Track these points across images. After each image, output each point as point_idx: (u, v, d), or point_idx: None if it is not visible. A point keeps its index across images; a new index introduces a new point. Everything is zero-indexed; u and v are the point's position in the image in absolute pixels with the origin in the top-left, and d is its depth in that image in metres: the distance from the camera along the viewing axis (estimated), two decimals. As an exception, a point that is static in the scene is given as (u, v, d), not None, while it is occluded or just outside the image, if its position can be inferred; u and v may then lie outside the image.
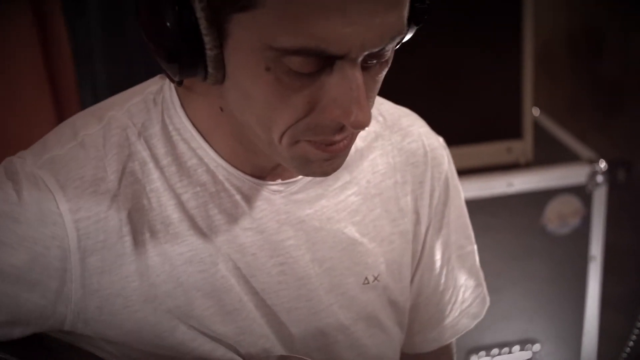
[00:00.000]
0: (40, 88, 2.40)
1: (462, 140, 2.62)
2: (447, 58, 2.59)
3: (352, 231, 1.37)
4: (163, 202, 1.27)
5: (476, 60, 2.64)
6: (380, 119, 1.41)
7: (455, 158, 1.50)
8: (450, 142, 1.50)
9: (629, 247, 3.60)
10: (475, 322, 1.54)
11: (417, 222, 1.43)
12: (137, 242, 1.26)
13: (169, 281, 1.27)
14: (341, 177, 1.36)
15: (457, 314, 1.51)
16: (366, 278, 1.38)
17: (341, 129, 1.13)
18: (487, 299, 1.55)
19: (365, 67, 1.10)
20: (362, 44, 1.05)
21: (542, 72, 3.18)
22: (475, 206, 2.63)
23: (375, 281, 1.39)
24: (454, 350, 1.59)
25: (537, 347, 2.84)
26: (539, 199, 2.72)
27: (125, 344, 1.29)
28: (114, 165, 1.25)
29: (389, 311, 1.43)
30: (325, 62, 1.07)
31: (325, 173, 1.20)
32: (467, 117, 2.65)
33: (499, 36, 2.65)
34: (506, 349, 2.83)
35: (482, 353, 2.82)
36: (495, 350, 2.82)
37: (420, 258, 1.45)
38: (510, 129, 2.71)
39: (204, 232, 1.28)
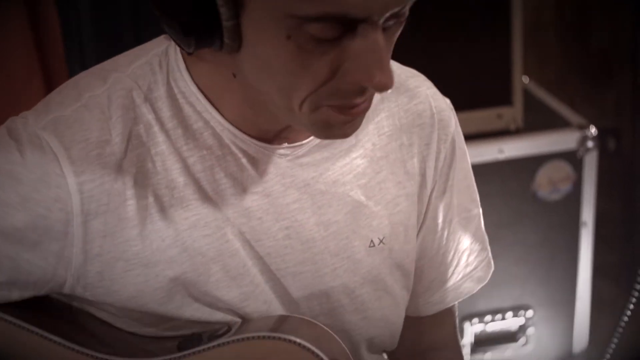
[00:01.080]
0: (31, 69, 2.39)
1: (453, 107, 2.63)
2: (437, 25, 2.60)
3: (357, 194, 1.36)
4: (168, 166, 1.25)
5: (466, 27, 2.64)
6: None
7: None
8: None
9: (620, 216, 3.62)
10: (480, 286, 1.53)
11: (422, 184, 1.42)
12: (141, 206, 1.24)
13: (174, 246, 1.26)
14: (346, 140, 1.34)
15: (459, 277, 1.50)
16: (372, 241, 1.37)
17: (363, 91, 1.13)
18: (492, 263, 1.55)
19: (384, 28, 1.09)
20: (385, 5, 1.04)
21: (532, 42, 3.18)
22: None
23: (381, 244, 1.38)
24: (457, 313, 1.59)
25: (530, 313, 2.85)
26: (530, 165, 2.72)
27: (125, 308, 1.29)
28: (119, 128, 1.23)
29: (396, 275, 1.42)
30: (347, 26, 1.06)
31: (346, 135, 1.20)
32: (457, 84, 2.64)
33: (489, 4, 2.66)
34: (499, 316, 2.84)
35: (475, 320, 2.83)
36: (488, 317, 2.84)
37: (423, 220, 1.44)
38: (500, 96, 2.72)
39: (209, 196, 1.27)
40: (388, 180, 1.38)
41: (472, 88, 2.69)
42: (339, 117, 1.16)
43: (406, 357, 1.55)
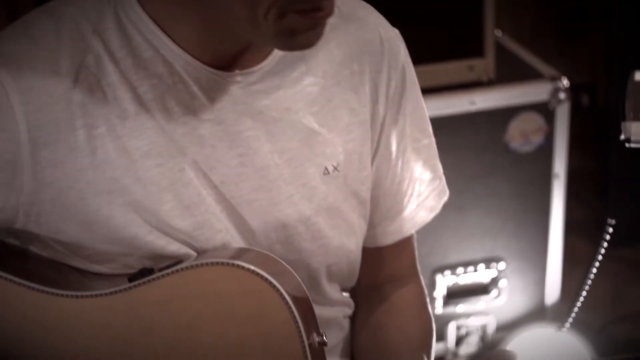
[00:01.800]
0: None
1: (424, 59, 2.61)
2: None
3: (310, 121, 1.37)
4: (119, 96, 1.26)
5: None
6: (336, 9, 1.41)
7: (416, 76, 1.50)
8: (412, 60, 1.49)
9: (592, 172, 3.63)
10: (432, 215, 1.54)
11: (375, 111, 1.43)
12: (92, 135, 1.25)
13: (127, 175, 1.27)
14: (297, 67, 1.36)
15: (414, 206, 1.51)
16: (326, 168, 1.38)
17: None
18: (446, 192, 1.55)
19: None
20: None
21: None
22: (437, 124, 2.63)
23: (335, 171, 1.39)
24: (415, 244, 1.60)
25: (502, 265, 2.86)
26: (502, 116, 2.73)
27: (77, 242, 1.30)
28: (67, 59, 1.24)
29: (352, 202, 1.43)
30: None
31: (310, 43, 1.23)
32: (429, 35, 2.65)
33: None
34: (471, 268, 2.85)
35: (447, 272, 2.84)
36: (460, 269, 2.85)
37: (377, 148, 1.46)
38: (471, 47, 2.72)
39: (161, 125, 1.28)
40: (341, 107, 1.39)
41: (444, 40, 2.69)
42: (304, 22, 1.19)
43: (367, 292, 1.56)
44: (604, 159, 3.54)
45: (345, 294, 1.57)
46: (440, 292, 2.84)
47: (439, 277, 2.83)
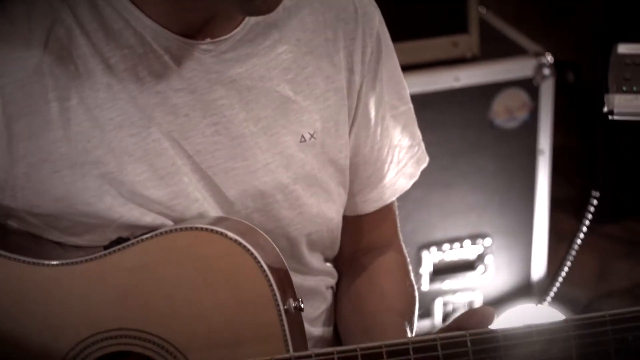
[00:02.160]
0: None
1: (408, 35, 2.63)
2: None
3: (285, 89, 1.37)
4: (90, 68, 1.28)
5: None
6: None
7: (400, 53, 1.50)
8: (396, 37, 1.49)
9: (578, 149, 3.64)
10: (412, 182, 1.54)
11: (350, 79, 1.43)
12: (65, 108, 1.27)
13: (100, 147, 1.28)
14: (270, 35, 1.37)
15: (394, 173, 1.52)
16: (302, 136, 1.39)
17: None
18: (426, 158, 1.55)
19: None
20: None
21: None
22: (422, 101, 2.65)
23: (312, 139, 1.39)
24: (397, 212, 1.60)
25: (488, 241, 2.87)
26: (486, 93, 2.74)
27: (53, 215, 1.31)
28: (39, 33, 1.26)
29: (330, 170, 1.44)
30: None
31: (270, 8, 1.24)
32: (413, 11, 2.65)
33: None
34: (457, 244, 2.86)
35: (434, 249, 2.85)
36: (446, 246, 2.86)
37: (355, 116, 1.46)
38: (456, 23, 2.72)
39: (133, 96, 1.29)
40: (315, 75, 1.39)
41: (428, 16, 2.70)
42: None
43: (349, 261, 1.57)
44: (589, 136, 3.54)
45: (328, 264, 1.57)
46: (426, 269, 2.85)
47: (425, 254, 2.84)
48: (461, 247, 2.86)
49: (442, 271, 2.89)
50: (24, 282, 1.27)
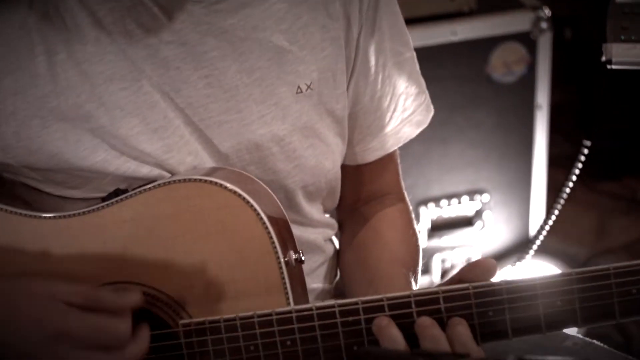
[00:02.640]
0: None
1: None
2: None
3: (279, 39, 1.35)
4: (78, 22, 1.26)
5: None
6: None
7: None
8: None
9: (575, 105, 3.62)
10: (419, 130, 1.53)
11: (348, 27, 1.40)
12: (52, 62, 1.25)
13: (91, 101, 1.27)
14: None
15: (398, 122, 1.50)
16: (299, 87, 1.37)
17: None
18: (431, 107, 1.54)
19: None
20: None
21: None
22: (418, 55, 2.61)
23: (309, 89, 1.37)
24: (399, 162, 1.58)
25: (485, 197, 2.86)
26: (483, 47, 2.71)
27: (49, 169, 1.30)
28: None
29: (327, 121, 1.42)
30: None
31: None
32: (409, -35, 2.63)
33: None
34: (455, 200, 2.85)
35: (431, 205, 2.84)
36: (444, 202, 2.84)
37: (354, 65, 1.44)
38: (452, -23, 2.70)
39: (122, 49, 1.27)
40: (311, 24, 1.37)
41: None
42: None
43: (351, 211, 1.55)
44: (588, 93, 3.52)
45: (328, 216, 1.56)
46: (424, 225, 2.84)
47: (422, 210, 2.82)
48: (459, 203, 2.85)
49: (440, 227, 2.87)
50: (22, 234, 1.26)
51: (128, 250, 1.24)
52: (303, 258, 1.28)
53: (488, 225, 2.90)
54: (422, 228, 2.84)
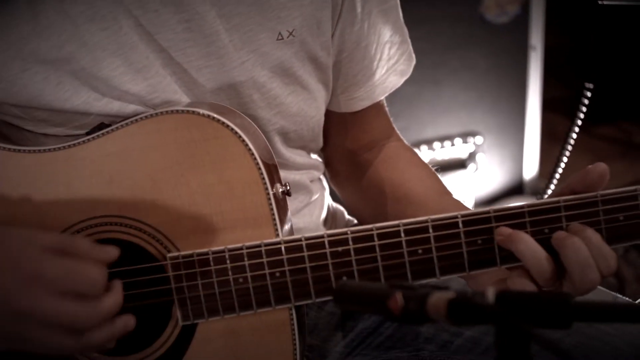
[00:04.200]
0: None
1: None
2: None
3: None
4: None
5: None
6: None
7: None
8: None
9: (570, 48, 3.60)
10: (403, 79, 1.51)
11: None
12: (33, 1, 1.23)
13: (72, 41, 1.24)
14: None
15: (384, 71, 1.48)
16: (280, 33, 1.34)
17: None
18: (413, 56, 1.52)
19: None
20: None
21: None
22: (411, -5, 2.59)
23: (291, 36, 1.34)
24: (387, 110, 1.57)
25: (479, 139, 2.85)
26: (477, -15, 2.70)
27: (30, 107, 1.28)
28: None
29: (309, 68, 1.39)
30: None
31: None
32: None
33: None
34: (448, 142, 2.84)
35: (424, 147, 2.83)
36: (437, 144, 2.83)
37: (340, 12, 1.41)
38: None
39: None
40: None
41: None
42: None
43: (353, 162, 1.55)
44: (584, 35, 3.49)
45: (314, 156, 1.54)
46: (417, 168, 2.83)
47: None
48: (452, 145, 2.84)
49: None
50: (6, 169, 1.24)
51: (114, 183, 1.22)
52: (289, 189, 1.26)
53: (481, 168, 2.89)
54: (415, 171, 2.83)
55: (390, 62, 1.47)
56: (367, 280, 1.20)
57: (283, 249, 1.19)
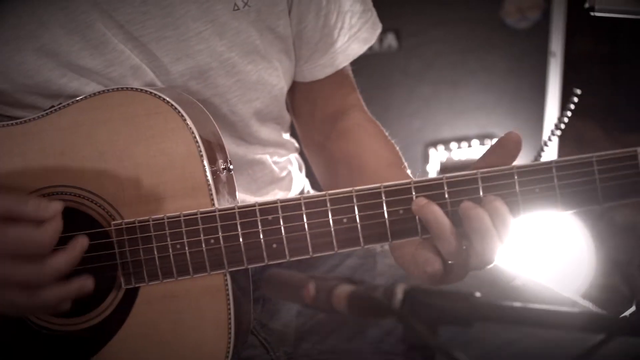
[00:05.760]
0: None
1: None
2: None
3: None
4: None
5: None
6: None
7: None
8: None
9: (590, 53, 3.58)
10: (366, 47, 1.56)
11: None
12: None
13: (31, 21, 1.33)
14: None
15: (346, 39, 1.54)
16: (235, 4, 1.41)
17: None
18: (379, 25, 1.57)
19: None
20: None
21: None
22: (429, -4, 2.64)
23: (246, 6, 1.41)
24: (353, 79, 1.62)
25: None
26: (497, -10, 2.72)
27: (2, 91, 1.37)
28: None
29: (269, 37, 1.46)
30: None
31: None
32: None
33: None
34: (465, 143, 2.86)
35: (441, 147, 2.85)
36: (454, 144, 2.86)
37: None
38: None
39: None
40: None
41: None
42: None
43: (317, 127, 1.61)
44: (605, 44, 3.48)
45: (286, 136, 1.60)
46: (433, 167, 2.86)
47: (432, 152, 2.85)
48: (469, 146, 2.86)
49: (449, 170, 2.87)
50: None
51: (66, 155, 1.31)
52: (231, 167, 1.33)
53: (498, 170, 2.90)
54: (430, 169, 2.86)
55: (352, 31, 1.54)
56: (296, 249, 1.27)
57: (217, 217, 1.27)
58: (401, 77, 2.74)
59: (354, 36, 1.53)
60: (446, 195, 1.23)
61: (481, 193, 1.22)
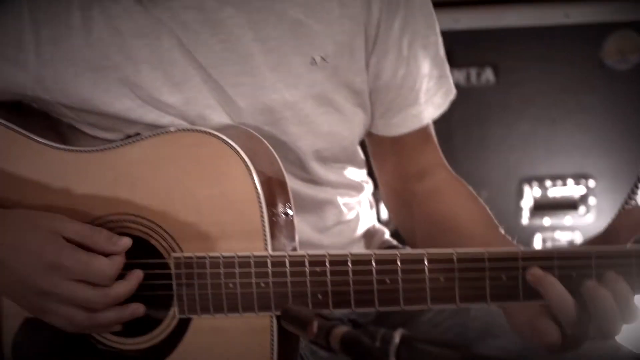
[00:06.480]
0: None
1: None
2: None
3: (296, 12, 1.45)
4: None
5: None
6: None
7: None
8: None
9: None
10: (439, 112, 1.59)
11: (367, 6, 1.49)
12: (86, 16, 1.42)
13: (119, 53, 1.43)
14: None
15: (422, 102, 1.58)
16: (313, 58, 1.46)
17: None
18: (453, 91, 1.60)
19: None
20: None
21: None
22: (528, 35, 2.66)
23: (323, 62, 1.46)
24: (436, 141, 1.65)
25: (591, 182, 2.85)
26: (597, 32, 2.70)
27: (82, 110, 1.47)
28: None
29: (345, 92, 1.51)
30: None
31: None
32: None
33: None
34: (560, 182, 2.85)
35: (535, 184, 2.85)
36: (548, 182, 2.85)
37: (375, 43, 1.52)
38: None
39: (148, 9, 1.42)
40: (329, 0, 1.46)
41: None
42: None
43: (399, 183, 1.65)
44: None
45: (354, 177, 1.64)
46: (527, 203, 2.86)
47: (526, 188, 2.84)
48: (564, 185, 2.85)
49: (543, 207, 2.88)
50: (50, 164, 1.43)
51: (136, 186, 1.39)
52: (290, 212, 1.38)
53: (592, 211, 2.89)
54: (524, 205, 2.86)
55: (428, 94, 1.57)
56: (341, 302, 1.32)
57: (269, 262, 1.33)
58: (499, 111, 2.75)
59: (429, 100, 1.57)
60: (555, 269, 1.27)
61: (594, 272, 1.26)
